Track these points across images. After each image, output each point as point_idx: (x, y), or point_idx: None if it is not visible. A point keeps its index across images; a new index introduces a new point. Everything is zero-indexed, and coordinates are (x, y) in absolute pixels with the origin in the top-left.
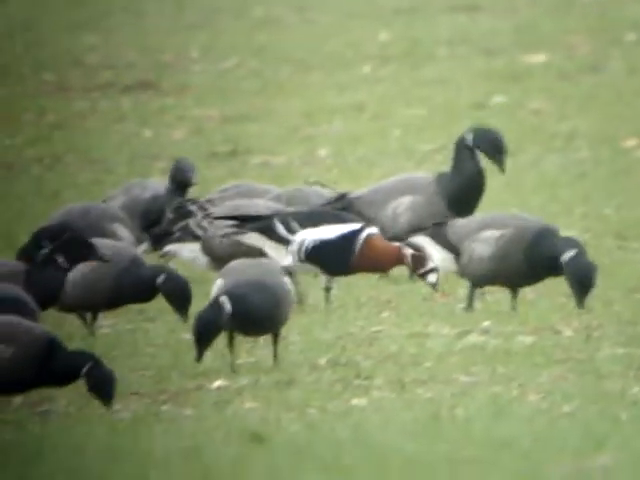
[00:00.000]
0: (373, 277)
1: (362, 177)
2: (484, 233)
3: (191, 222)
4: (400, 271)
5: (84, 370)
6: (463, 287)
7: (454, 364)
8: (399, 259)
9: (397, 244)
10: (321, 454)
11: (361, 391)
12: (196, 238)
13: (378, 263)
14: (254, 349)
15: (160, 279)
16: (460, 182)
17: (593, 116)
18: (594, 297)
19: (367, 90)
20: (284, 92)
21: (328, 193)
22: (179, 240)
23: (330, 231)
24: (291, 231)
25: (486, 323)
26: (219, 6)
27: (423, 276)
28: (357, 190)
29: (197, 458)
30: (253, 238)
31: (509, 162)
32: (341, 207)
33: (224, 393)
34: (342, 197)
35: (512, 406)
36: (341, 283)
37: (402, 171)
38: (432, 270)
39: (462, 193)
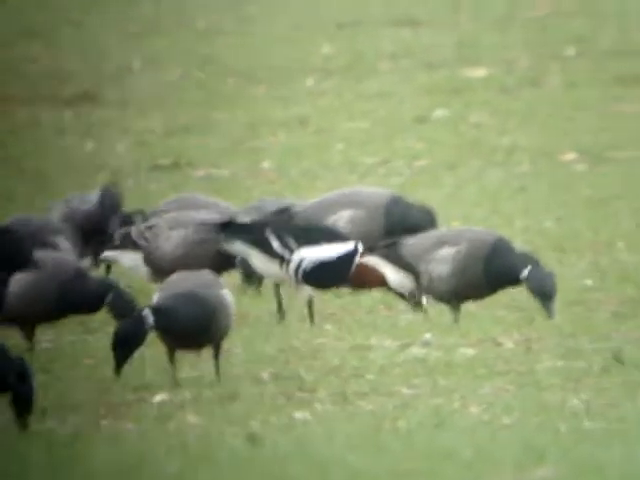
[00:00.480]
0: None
1: (305, 190)
2: (440, 251)
3: (133, 231)
4: None
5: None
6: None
7: (396, 376)
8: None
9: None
10: (264, 468)
11: (304, 404)
12: (136, 247)
13: (367, 282)
14: (197, 363)
15: (108, 298)
16: (412, 214)
17: (533, 130)
18: (534, 310)
19: (310, 103)
20: (227, 104)
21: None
22: (119, 247)
23: (327, 251)
24: (287, 248)
25: (428, 335)
26: (161, 17)
27: (403, 296)
28: (301, 202)
29: (137, 473)
30: (240, 247)
31: (451, 175)
32: (284, 220)
33: (166, 407)
34: (286, 210)
35: (453, 418)
36: (285, 296)
37: (345, 184)
38: (406, 292)
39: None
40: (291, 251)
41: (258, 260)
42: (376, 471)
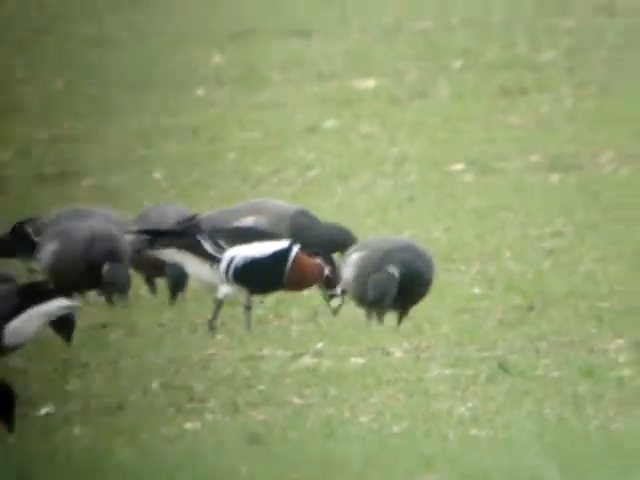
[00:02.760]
0: (207, 300)
1: (197, 199)
2: (350, 257)
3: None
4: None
5: None
6: (297, 309)
7: (287, 386)
8: (321, 276)
9: (318, 260)
10: (153, 479)
11: (194, 414)
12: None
13: (304, 280)
14: (84, 373)
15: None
16: (318, 231)
17: (421, 141)
18: (423, 318)
19: (201, 113)
20: (116, 113)
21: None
22: None
23: (259, 249)
24: (219, 248)
25: (319, 345)
26: (47, 25)
27: (330, 297)
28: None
29: None
30: (173, 254)
31: (341, 185)
32: (190, 227)
33: (52, 419)
34: (193, 217)
35: (344, 427)
36: (175, 306)
37: (238, 194)
38: (336, 295)
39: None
40: (222, 251)
41: (191, 265)
42: None
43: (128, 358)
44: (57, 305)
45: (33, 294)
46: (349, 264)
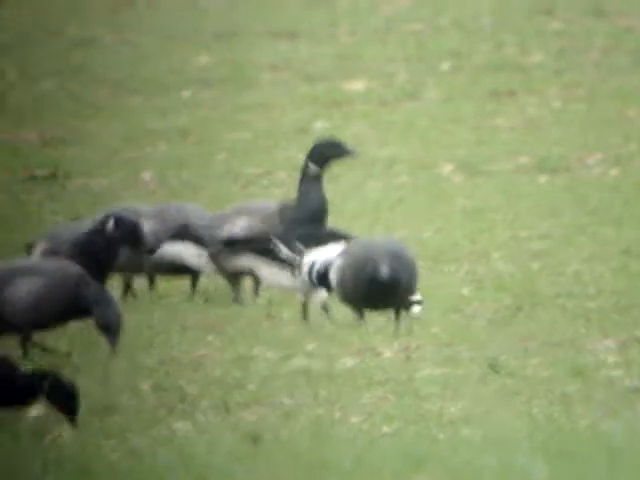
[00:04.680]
0: (198, 300)
1: (187, 201)
2: (336, 262)
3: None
4: (227, 294)
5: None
6: (288, 310)
7: (278, 387)
8: None
9: None
10: None
11: (185, 415)
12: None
13: None
14: (75, 375)
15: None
16: (304, 221)
17: (411, 142)
18: (412, 318)
19: (189, 114)
20: (103, 115)
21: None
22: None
23: (335, 250)
24: (296, 252)
25: (310, 346)
26: (32, 26)
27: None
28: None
29: None
30: (249, 259)
31: (332, 186)
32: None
33: (42, 422)
34: (186, 225)
35: (334, 428)
36: (166, 307)
37: (228, 195)
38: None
39: (304, 223)
40: (301, 255)
41: (268, 270)
42: None
43: (118, 359)
44: None
45: None
46: (333, 270)
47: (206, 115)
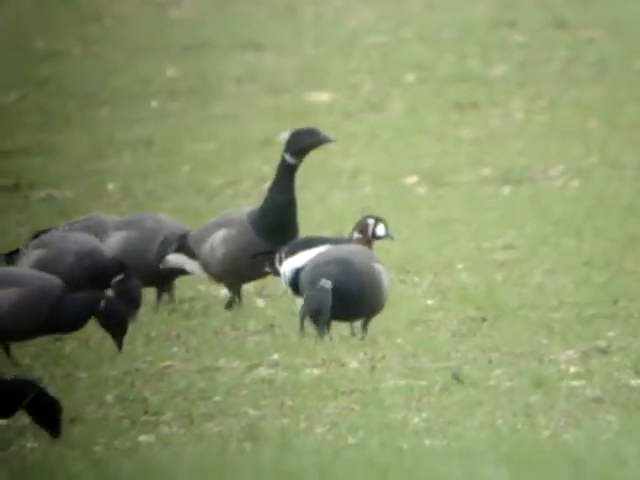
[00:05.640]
0: (163, 311)
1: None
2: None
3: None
4: (192, 305)
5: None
6: (253, 321)
7: (243, 397)
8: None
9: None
10: None
11: (149, 427)
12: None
13: None
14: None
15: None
16: (269, 213)
17: (376, 154)
18: (378, 329)
19: (155, 125)
20: (69, 126)
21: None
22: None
23: (303, 257)
24: (280, 262)
25: (275, 356)
26: (0, 38)
27: None
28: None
29: None
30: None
31: (298, 197)
32: (182, 243)
33: (5, 433)
34: (185, 235)
35: (299, 438)
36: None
37: (192, 206)
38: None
39: (272, 223)
40: (281, 264)
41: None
42: None
43: (82, 371)
44: None
45: None
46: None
47: (172, 126)
